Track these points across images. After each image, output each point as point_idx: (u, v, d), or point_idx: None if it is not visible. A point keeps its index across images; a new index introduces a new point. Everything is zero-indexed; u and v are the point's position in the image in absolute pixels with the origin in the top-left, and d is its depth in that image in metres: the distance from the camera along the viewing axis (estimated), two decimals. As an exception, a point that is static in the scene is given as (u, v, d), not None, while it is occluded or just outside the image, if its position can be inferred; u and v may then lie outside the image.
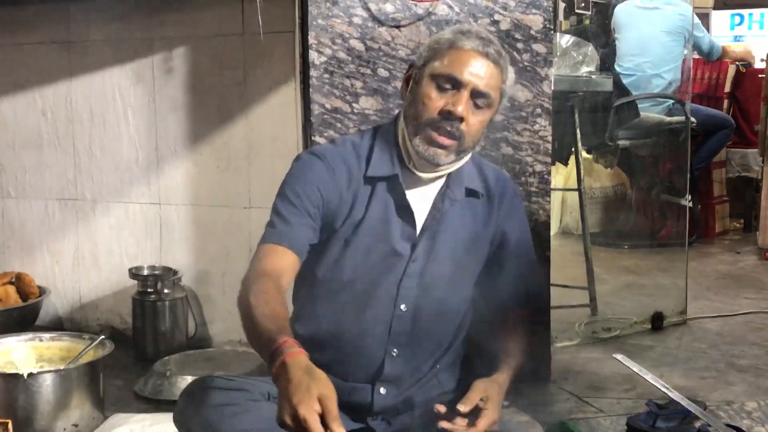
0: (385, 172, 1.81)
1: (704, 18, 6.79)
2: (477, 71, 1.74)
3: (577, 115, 3.58)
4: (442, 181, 1.85)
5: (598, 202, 5.63)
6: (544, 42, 2.75)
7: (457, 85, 1.73)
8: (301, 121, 2.72)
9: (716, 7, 7.21)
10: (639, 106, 4.72)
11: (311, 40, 2.61)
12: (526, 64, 2.74)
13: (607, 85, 3.63)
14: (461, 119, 1.73)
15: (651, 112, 4.89)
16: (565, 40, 3.51)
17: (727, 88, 5.66)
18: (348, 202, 1.80)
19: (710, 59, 5.46)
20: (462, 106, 1.72)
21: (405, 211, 1.81)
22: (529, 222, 2.05)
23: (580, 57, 3.46)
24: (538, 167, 2.79)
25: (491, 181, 1.92)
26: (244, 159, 3.11)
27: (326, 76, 2.64)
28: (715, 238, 5.49)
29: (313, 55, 2.62)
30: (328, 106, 2.64)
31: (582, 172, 3.66)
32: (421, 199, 1.84)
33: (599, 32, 5.04)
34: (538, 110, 2.77)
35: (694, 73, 5.46)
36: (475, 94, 1.74)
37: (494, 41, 1.79)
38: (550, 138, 2.79)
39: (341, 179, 1.80)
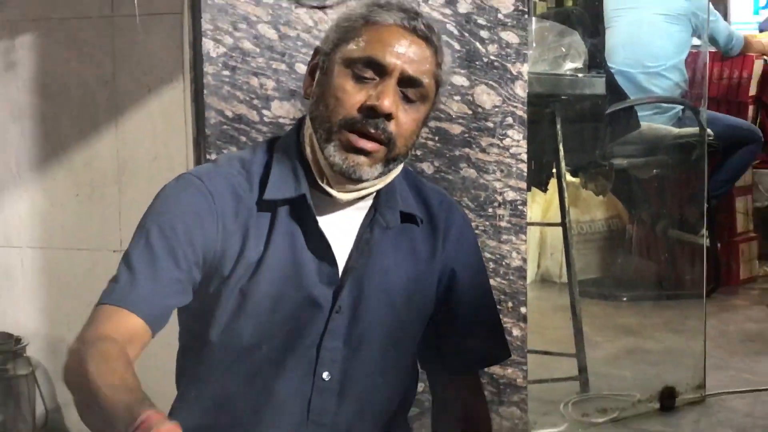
0: (288, 192, 1.79)
1: (720, 2, 6.96)
2: (404, 52, 1.73)
3: (559, 126, 3.63)
4: (368, 204, 1.85)
5: (588, 241, 5.70)
6: (515, 29, 2.79)
7: (379, 71, 1.72)
8: (192, 134, 2.71)
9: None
10: (639, 114, 4.79)
11: (205, 25, 2.61)
12: (492, 58, 2.77)
13: (599, 86, 3.69)
14: (389, 116, 1.72)
15: (654, 122, 4.97)
16: (542, 28, 3.56)
17: (753, 91, 5.77)
18: (238, 238, 1.77)
19: (729, 54, 5.60)
20: (389, 98, 1.71)
21: (320, 244, 1.80)
22: (500, 267, 2.06)
23: (563, 49, 3.52)
24: (510, 195, 2.81)
25: (433, 204, 1.92)
26: (113, 185, 3.08)
27: (226, 73, 2.63)
28: (739, 286, 5.59)
29: (207, 45, 2.62)
30: (228, 113, 2.64)
31: (567, 200, 3.70)
32: (341, 229, 1.82)
33: (586, 17, 5.13)
34: (509, 119, 2.80)
35: (710, 71, 5.58)
36: (405, 82, 1.74)
37: (420, 13, 1.80)
38: (525, 156, 2.82)
39: (225, 208, 1.77)
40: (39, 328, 3.19)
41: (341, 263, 1.81)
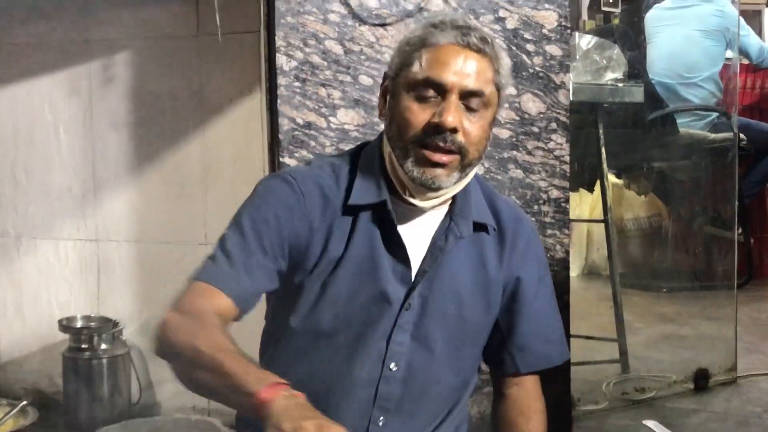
0: (370, 198, 1.78)
1: (756, 17, 6.84)
2: (461, 68, 1.70)
3: (601, 131, 3.58)
4: (443, 211, 1.82)
5: (631, 237, 5.63)
6: (559, 43, 2.76)
7: (440, 90, 1.69)
8: (267, 139, 2.72)
9: (768, 5, 7.28)
10: (677, 121, 4.74)
11: (279, 42, 2.62)
12: (537, 69, 2.75)
13: (638, 94, 3.64)
14: (454, 130, 1.70)
15: (691, 128, 4.90)
16: (585, 42, 3.52)
17: (783, 100, 5.69)
18: (322, 236, 1.77)
19: (761, 66, 5.50)
20: (451, 114, 1.68)
21: (396, 247, 1.78)
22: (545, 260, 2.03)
23: (604, 61, 3.48)
24: (554, 193, 2.78)
25: (504, 216, 1.89)
26: (200, 185, 3.10)
27: (297, 84, 2.63)
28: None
29: (281, 60, 2.62)
30: (299, 120, 2.64)
31: (609, 199, 3.65)
32: (416, 235, 1.80)
33: (628, 33, 5.08)
34: (553, 125, 2.77)
35: (742, 82, 5.49)
36: (466, 96, 1.71)
37: (475, 26, 1.76)
38: (567, 158, 2.79)
39: (313, 208, 1.77)
40: (134, 313, 3.22)
41: (415, 265, 1.79)
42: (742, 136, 4.73)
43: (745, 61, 5.47)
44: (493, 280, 1.86)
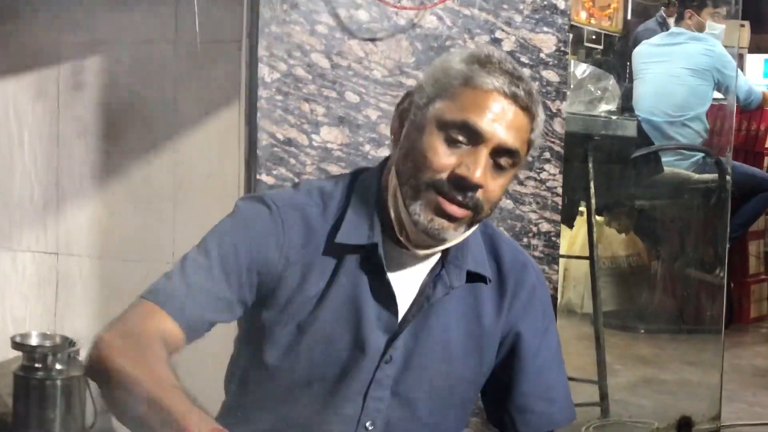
0: (360, 239, 1.60)
1: (738, 61, 6.80)
2: (502, 122, 1.52)
3: (591, 165, 3.44)
4: (435, 259, 1.65)
5: (609, 275, 5.51)
6: (556, 68, 2.62)
7: (474, 139, 1.52)
8: (245, 155, 2.54)
9: (749, 51, 7.25)
10: (662, 159, 4.66)
11: (261, 51, 2.45)
12: (533, 95, 2.59)
13: (631, 129, 3.52)
14: (479, 187, 1.52)
15: (676, 167, 4.81)
16: (580, 70, 3.39)
17: (768, 143, 5.61)
18: (299, 271, 1.59)
19: (749, 108, 5.43)
20: (481, 169, 1.51)
21: (384, 293, 1.61)
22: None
23: (599, 92, 3.34)
24: (545, 226, 2.63)
25: (506, 263, 1.71)
26: (169, 200, 2.92)
27: (279, 97, 2.46)
28: (749, 324, 5.40)
29: (263, 70, 2.45)
30: (279, 135, 2.47)
31: (596, 237, 3.51)
32: (405, 281, 1.63)
33: (615, 66, 5.00)
34: (547, 154, 2.62)
35: (725, 123, 5.41)
36: (498, 152, 1.53)
37: (524, 76, 1.58)
38: (560, 190, 2.64)
39: (293, 239, 1.59)
40: (92, 333, 3.00)
41: (401, 312, 1.62)
42: (727, 177, 4.65)
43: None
44: (488, 334, 1.68)
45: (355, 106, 2.50)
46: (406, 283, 1.62)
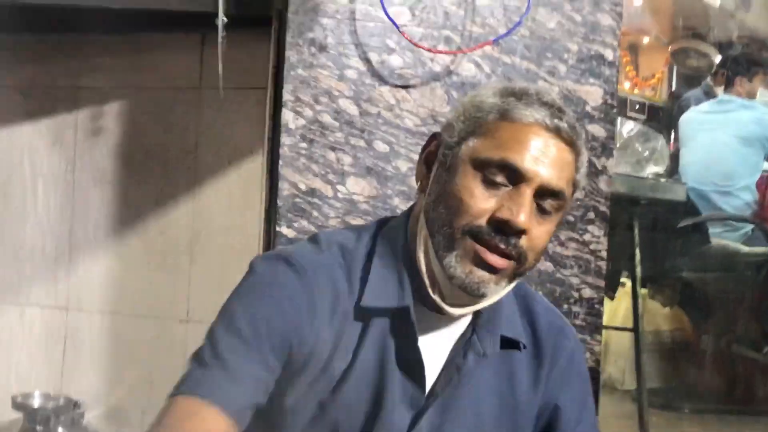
0: (389, 302, 1.41)
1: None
2: (546, 159, 1.35)
3: (637, 231, 3.22)
4: (465, 322, 1.46)
5: (651, 350, 5.24)
6: (603, 122, 2.43)
7: (515, 178, 1.35)
8: (264, 204, 2.37)
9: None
10: (709, 230, 4.44)
11: (286, 96, 2.29)
12: (577, 150, 2.40)
13: (680, 193, 3.31)
14: (523, 232, 1.35)
15: (724, 239, 4.59)
16: (627, 128, 3.19)
17: (822, 216, 5.36)
18: (328, 346, 1.40)
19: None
20: (526, 213, 1.33)
21: (412, 363, 1.42)
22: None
23: (647, 152, 3.14)
24: (587, 292, 2.41)
25: (542, 327, 1.53)
26: (186, 254, 2.78)
27: (303, 145, 2.29)
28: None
29: (287, 116, 2.29)
30: (302, 185, 2.29)
31: (641, 308, 3.27)
32: (433, 348, 1.45)
33: (662, 132, 4.83)
34: (591, 214, 2.42)
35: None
36: (542, 194, 1.36)
37: (564, 108, 1.40)
38: (604, 253, 2.43)
39: (323, 305, 1.40)
40: (100, 394, 2.87)
41: (428, 383, 1.43)
42: (778, 250, 4.47)
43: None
44: (523, 407, 1.50)
45: (385, 156, 2.32)
46: (435, 351, 1.44)
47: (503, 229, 1.33)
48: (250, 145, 2.65)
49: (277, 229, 2.27)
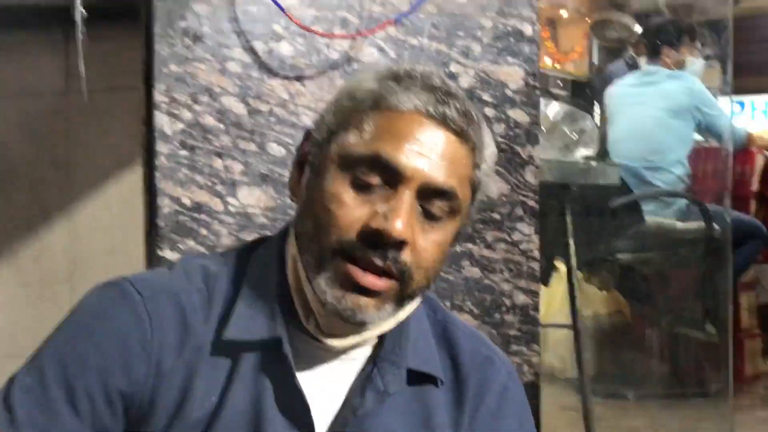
0: (257, 333, 1.14)
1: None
2: (429, 152, 1.10)
3: (569, 219, 2.97)
4: (365, 353, 1.20)
5: (590, 336, 5.07)
6: (526, 107, 2.17)
7: (392, 178, 1.09)
8: (144, 225, 2.05)
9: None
10: (643, 209, 4.28)
11: (159, 97, 1.97)
12: (500, 139, 2.14)
13: (613, 176, 3.05)
14: (402, 243, 1.08)
15: (658, 216, 4.41)
16: (552, 111, 2.93)
17: (755, 186, 5.24)
18: (178, 384, 1.13)
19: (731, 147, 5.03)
20: (403, 219, 1.07)
21: (294, 405, 1.14)
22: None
23: (575, 134, 2.88)
24: (521, 298, 2.15)
25: (464, 358, 1.26)
26: (65, 283, 2.46)
27: (184, 153, 1.98)
28: (744, 384, 4.93)
29: (161, 120, 1.97)
30: (185, 200, 1.98)
31: (578, 298, 3.03)
32: (325, 386, 1.18)
33: (588, 110, 4.62)
34: (519, 211, 2.16)
35: (708, 167, 5.02)
36: (428, 194, 1.10)
37: (456, 93, 1.15)
38: (537, 253, 2.16)
39: (164, 339, 1.13)
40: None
41: (320, 430, 1.15)
42: (715, 226, 4.29)
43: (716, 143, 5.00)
44: None
45: (281, 160, 2.02)
46: (326, 390, 1.17)
47: (377, 241, 1.07)
48: (129, 154, 2.33)
49: (159, 253, 1.96)
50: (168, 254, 1.95)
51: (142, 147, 2.21)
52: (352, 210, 1.08)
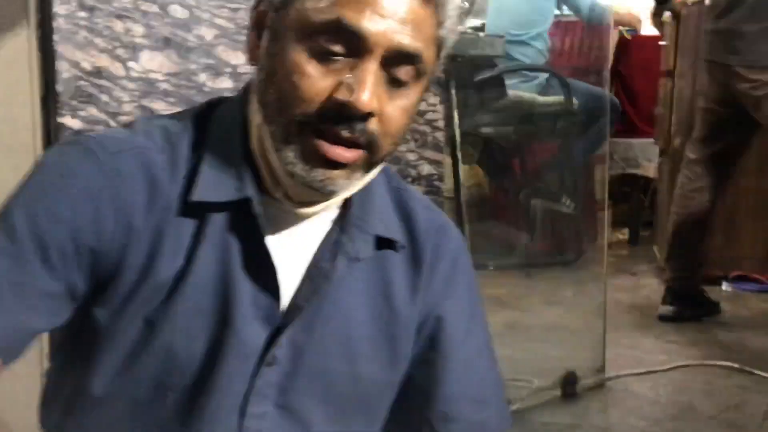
0: (226, 194, 1.11)
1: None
2: (393, 15, 1.05)
3: (454, 91, 2.96)
4: (329, 218, 1.18)
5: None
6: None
7: (354, 46, 1.05)
8: (40, 91, 1.93)
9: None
10: (506, 83, 4.30)
11: (55, -47, 1.83)
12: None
13: (499, 47, 3.05)
14: (370, 114, 1.05)
15: (520, 90, 4.47)
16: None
17: (610, 61, 5.32)
18: (146, 243, 1.10)
19: (591, 21, 5.09)
20: (369, 89, 1.04)
21: (261, 267, 1.12)
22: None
23: (466, 3, 2.85)
24: (426, 168, 2.15)
25: (420, 226, 1.25)
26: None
27: (82, 14, 1.86)
28: (596, 253, 5.11)
29: (58, -22, 1.84)
30: (86, 65, 1.87)
31: (461, 174, 3.05)
32: (290, 251, 1.15)
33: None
34: (423, 80, 2.13)
35: (567, 41, 5.09)
36: (393, 60, 1.06)
37: None
38: (441, 123, 2.16)
39: (134, 197, 1.09)
40: None
41: (286, 296, 1.14)
42: (573, 99, 4.39)
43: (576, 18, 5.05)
44: (401, 319, 1.22)
45: (184, 23, 1.92)
46: (292, 254, 1.15)
47: (344, 113, 1.04)
48: (11, 16, 2.16)
49: (59, 120, 1.85)
50: (68, 122, 1.85)
51: (31, 7, 2.07)
52: (316, 81, 1.04)
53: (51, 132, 1.88)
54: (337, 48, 1.04)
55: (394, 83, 1.06)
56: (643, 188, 5.51)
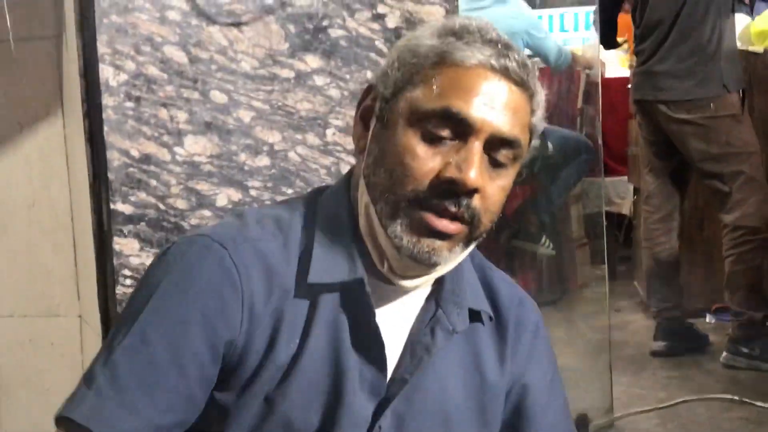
0: (339, 275, 1.21)
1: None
2: (495, 104, 1.17)
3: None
4: (423, 294, 1.29)
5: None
6: (448, 45, 2.23)
7: (461, 131, 1.17)
8: (89, 179, 2.02)
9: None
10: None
11: (102, 49, 1.93)
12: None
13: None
14: (475, 191, 1.16)
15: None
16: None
17: (580, 104, 5.48)
18: (267, 330, 1.19)
19: (559, 69, 5.25)
20: (476, 169, 1.16)
21: (371, 344, 1.23)
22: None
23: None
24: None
25: (502, 297, 1.37)
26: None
27: (129, 104, 1.95)
28: (576, 290, 5.24)
29: (106, 72, 1.94)
30: (134, 152, 1.96)
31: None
32: (392, 326, 1.26)
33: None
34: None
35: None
36: (494, 145, 1.18)
37: (512, 45, 1.23)
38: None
39: (254, 287, 1.19)
40: None
41: (389, 369, 1.25)
42: (548, 143, 4.51)
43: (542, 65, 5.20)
44: (492, 389, 1.33)
45: (224, 107, 2.02)
46: (393, 329, 1.26)
47: (452, 190, 1.16)
48: (46, 105, 2.24)
49: (111, 207, 1.94)
50: (120, 207, 1.94)
51: (63, 99, 2.16)
52: (425, 162, 1.16)
53: (104, 220, 1.96)
54: (445, 132, 1.16)
55: (495, 164, 1.19)
56: (617, 225, 5.65)
